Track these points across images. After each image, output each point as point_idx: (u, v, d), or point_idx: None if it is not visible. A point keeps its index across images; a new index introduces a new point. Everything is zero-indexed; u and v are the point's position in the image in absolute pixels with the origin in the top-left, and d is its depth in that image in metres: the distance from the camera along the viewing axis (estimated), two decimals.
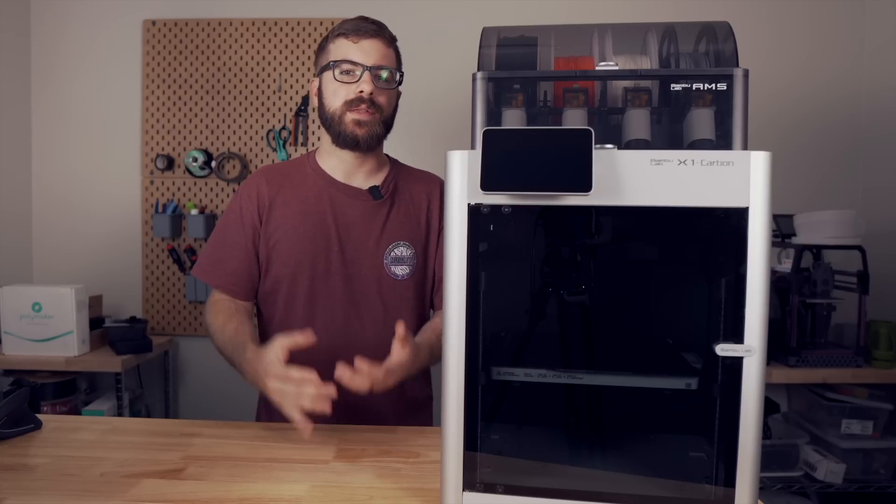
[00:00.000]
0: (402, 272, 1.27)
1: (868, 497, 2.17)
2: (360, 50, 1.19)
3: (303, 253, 1.24)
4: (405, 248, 1.27)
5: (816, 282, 2.13)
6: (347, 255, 1.25)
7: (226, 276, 1.26)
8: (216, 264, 1.28)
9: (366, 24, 1.21)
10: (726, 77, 0.74)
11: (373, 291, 1.25)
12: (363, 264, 1.25)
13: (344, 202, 1.26)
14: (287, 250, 1.25)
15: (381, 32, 1.22)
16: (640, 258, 0.81)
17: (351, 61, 1.19)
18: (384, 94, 1.22)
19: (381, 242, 1.26)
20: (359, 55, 1.19)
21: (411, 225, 1.29)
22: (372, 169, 1.29)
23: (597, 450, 0.80)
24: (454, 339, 0.74)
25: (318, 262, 1.24)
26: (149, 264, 2.72)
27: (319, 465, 0.96)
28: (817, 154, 2.58)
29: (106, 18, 2.70)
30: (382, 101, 1.21)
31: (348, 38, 1.20)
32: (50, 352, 2.25)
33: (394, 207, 1.28)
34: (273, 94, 2.67)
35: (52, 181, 2.74)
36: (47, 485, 0.88)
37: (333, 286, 1.24)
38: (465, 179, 0.72)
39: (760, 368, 0.69)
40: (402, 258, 1.27)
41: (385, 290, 1.26)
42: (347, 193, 1.27)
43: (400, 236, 1.27)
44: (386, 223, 1.27)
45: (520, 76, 0.81)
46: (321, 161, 1.30)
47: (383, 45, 1.21)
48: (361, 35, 1.20)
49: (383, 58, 1.21)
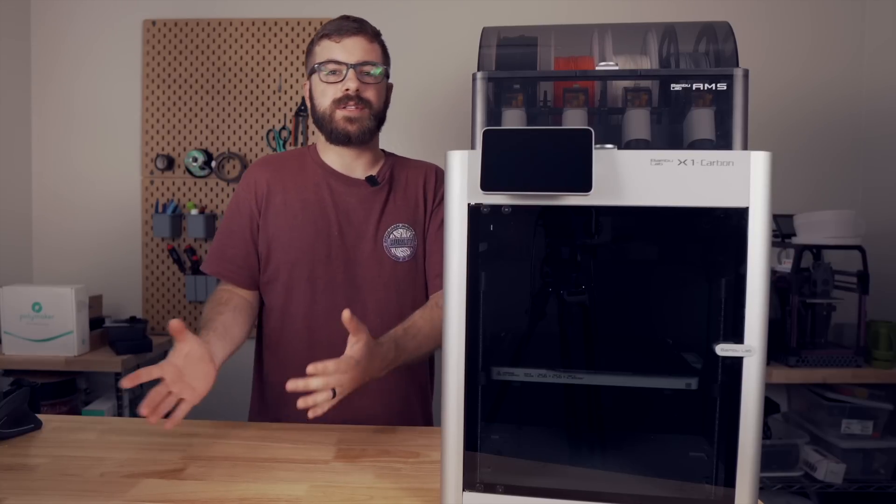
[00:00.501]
0: (402, 254, 1.28)
1: (868, 497, 2.17)
2: (344, 49, 1.22)
3: (303, 240, 1.26)
4: (404, 230, 1.29)
5: (816, 282, 2.13)
6: (348, 240, 1.27)
7: (224, 262, 1.29)
8: (216, 254, 1.31)
9: (347, 23, 1.24)
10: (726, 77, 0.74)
11: (374, 275, 1.27)
12: (363, 248, 1.27)
13: (343, 190, 1.29)
14: (287, 237, 1.27)
15: (362, 29, 1.24)
16: (640, 258, 0.80)
17: (335, 61, 1.22)
18: (371, 89, 1.24)
19: (380, 226, 1.28)
20: (342, 54, 1.22)
21: (409, 208, 1.31)
22: (368, 162, 1.32)
23: (597, 450, 0.80)
24: (454, 339, 0.74)
25: (319, 248, 1.26)
26: (149, 264, 2.72)
27: (319, 465, 0.96)
28: (817, 154, 2.57)
29: (106, 18, 2.70)
30: (370, 95, 1.24)
31: (331, 39, 1.23)
32: (50, 352, 2.25)
33: (391, 193, 1.31)
34: (273, 94, 2.67)
35: (53, 181, 2.74)
36: (47, 485, 0.88)
37: (334, 271, 1.26)
38: (465, 179, 0.72)
39: (760, 368, 0.69)
40: (402, 240, 1.28)
41: (387, 272, 1.27)
42: (346, 182, 1.29)
43: (399, 219, 1.29)
44: (385, 207, 1.29)
45: (520, 76, 0.81)
46: (322, 154, 1.33)
47: (366, 41, 1.24)
48: (343, 34, 1.22)
49: (366, 53, 1.23)
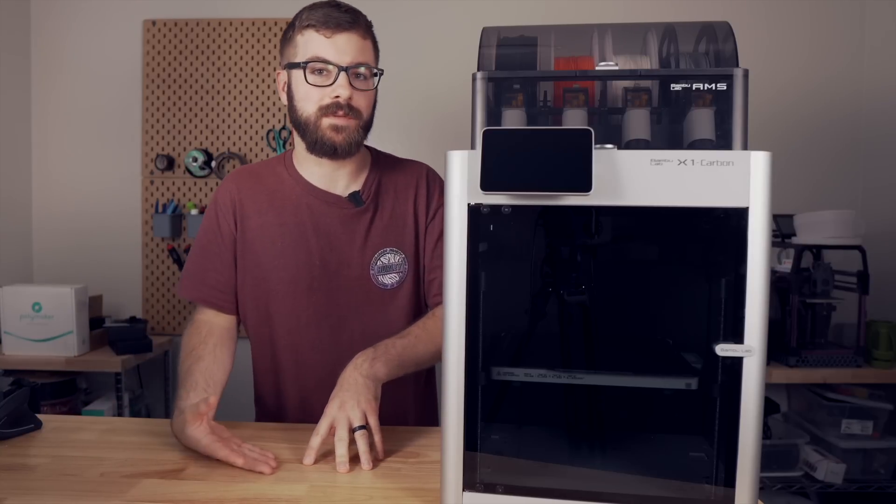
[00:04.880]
0: (390, 281, 1.18)
1: (868, 497, 2.17)
2: (334, 46, 1.05)
3: (283, 269, 1.16)
4: (393, 254, 1.18)
5: (816, 282, 2.13)
6: (330, 267, 1.16)
7: (208, 289, 1.18)
8: (196, 277, 1.19)
9: (339, 14, 1.06)
10: (726, 77, 0.74)
11: (360, 303, 1.17)
12: (348, 276, 1.17)
13: (323, 211, 1.16)
14: (266, 267, 1.17)
15: (356, 22, 1.07)
16: (641, 258, 0.81)
17: (323, 60, 1.05)
18: (363, 97, 1.09)
19: (365, 252, 1.17)
20: (332, 53, 1.05)
21: (398, 228, 1.19)
22: (352, 172, 1.18)
23: (597, 450, 0.80)
24: (454, 339, 0.74)
25: (300, 279, 1.16)
26: (149, 264, 2.72)
27: (319, 465, 0.96)
28: (817, 154, 2.58)
29: (106, 18, 2.70)
30: (361, 104, 1.09)
31: (319, 32, 1.05)
32: (50, 352, 2.25)
33: (378, 211, 1.18)
34: (273, 94, 2.67)
35: (53, 181, 2.74)
36: (47, 485, 0.88)
37: (317, 303, 1.16)
38: (465, 179, 0.72)
39: (760, 368, 0.69)
40: (390, 266, 1.18)
41: (374, 301, 1.17)
42: (327, 200, 1.17)
43: (386, 242, 1.18)
44: (370, 230, 1.17)
45: (520, 76, 0.81)
46: (298, 164, 1.19)
47: (359, 38, 1.07)
48: (334, 28, 1.05)
49: (360, 53, 1.07)
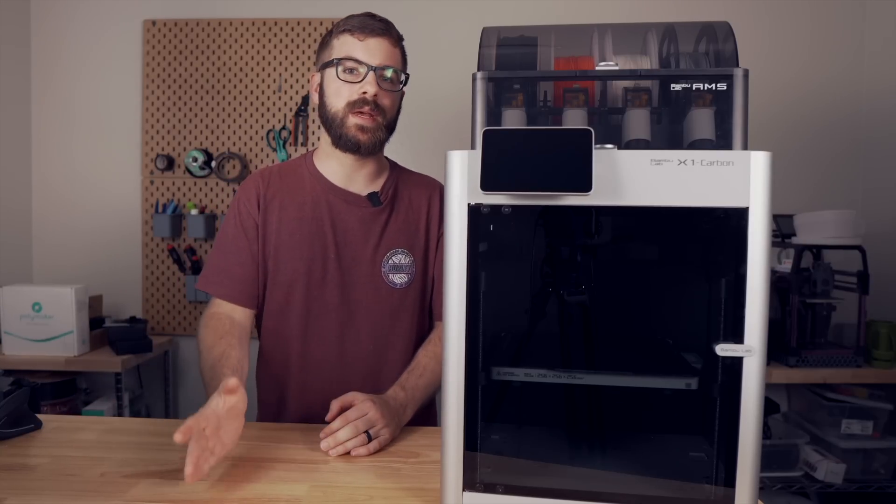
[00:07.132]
0: (400, 280, 1.23)
1: (868, 497, 2.17)
2: (366, 48, 1.15)
3: (299, 260, 1.21)
4: (404, 255, 1.24)
5: (816, 282, 2.13)
6: (344, 263, 1.21)
7: (231, 283, 1.21)
8: (221, 273, 1.23)
9: (373, 22, 1.17)
10: (726, 77, 0.74)
11: (370, 300, 1.22)
12: (360, 272, 1.22)
13: (342, 208, 1.23)
14: (283, 258, 1.21)
15: (388, 31, 1.17)
16: (641, 258, 0.81)
17: (355, 59, 1.14)
18: (388, 97, 1.17)
19: (378, 250, 1.23)
20: (364, 54, 1.15)
21: (410, 231, 1.25)
22: (371, 173, 1.25)
23: (597, 450, 0.80)
24: (454, 339, 0.74)
25: (315, 270, 1.21)
26: (149, 264, 2.72)
27: (319, 465, 0.96)
28: (817, 154, 2.58)
29: (106, 18, 2.70)
30: (386, 103, 1.17)
31: (354, 35, 1.15)
32: (50, 352, 2.25)
33: (393, 214, 1.25)
34: (273, 94, 2.67)
35: (53, 181, 2.74)
36: (47, 485, 0.88)
37: (329, 296, 1.21)
38: (465, 179, 0.72)
39: (760, 368, 0.69)
40: (400, 266, 1.23)
41: (383, 298, 1.23)
42: (346, 199, 1.23)
43: (398, 243, 1.24)
44: (385, 230, 1.24)
45: (520, 76, 0.81)
46: (319, 163, 1.26)
47: (390, 45, 1.17)
48: (368, 33, 1.15)
49: (389, 58, 1.17)
